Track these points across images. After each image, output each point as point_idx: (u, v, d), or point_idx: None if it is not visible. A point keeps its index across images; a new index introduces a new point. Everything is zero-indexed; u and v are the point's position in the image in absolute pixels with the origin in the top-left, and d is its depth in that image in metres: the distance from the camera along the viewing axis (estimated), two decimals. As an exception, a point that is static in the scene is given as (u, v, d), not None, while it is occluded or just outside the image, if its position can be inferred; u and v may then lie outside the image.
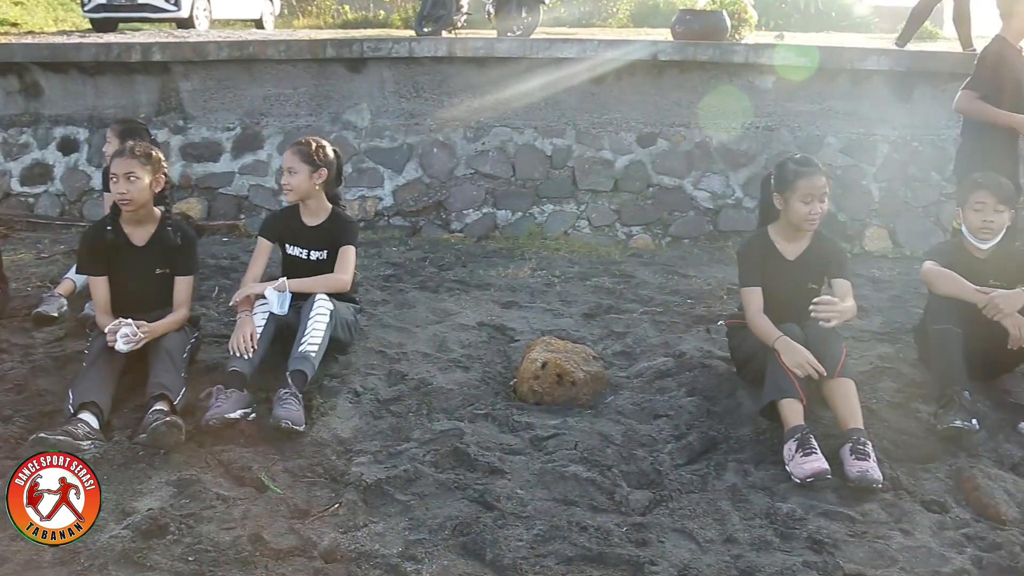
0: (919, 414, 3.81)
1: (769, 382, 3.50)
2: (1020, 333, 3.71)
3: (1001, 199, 3.98)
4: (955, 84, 7.08)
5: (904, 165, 7.25)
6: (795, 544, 2.89)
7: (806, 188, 3.68)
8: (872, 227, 7.05)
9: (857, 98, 7.40)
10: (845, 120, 7.40)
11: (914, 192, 7.15)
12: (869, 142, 7.32)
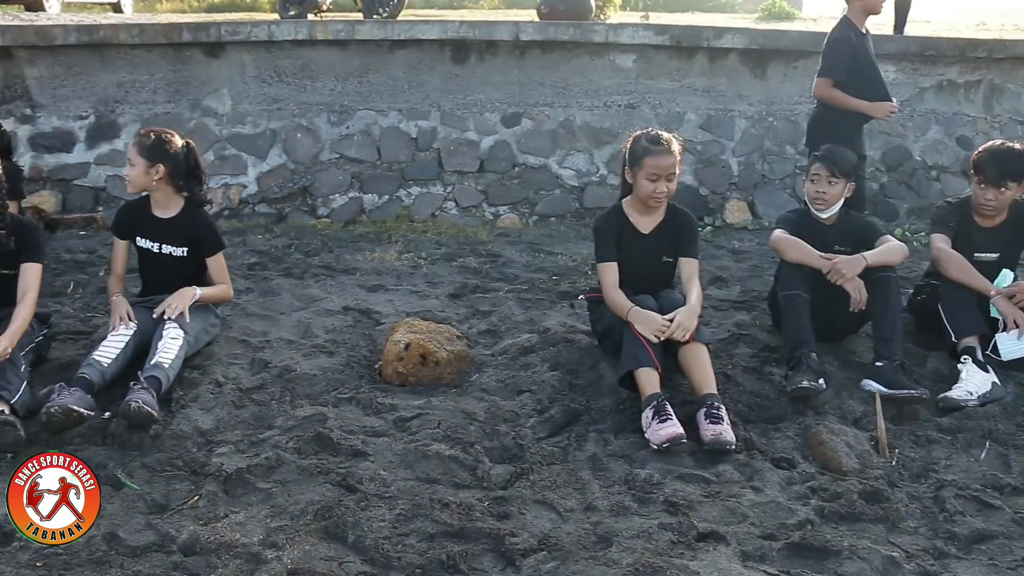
0: (772, 377, 3.96)
1: (625, 353, 3.58)
2: (859, 296, 3.91)
3: (835, 171, 4.17)
4: (804, 61, 7.41)
5: (760, 139, 7.50)
6: (652, 508, 2.96)
7: (652, 166, 3.76)
8: (732, 200, 7.28)
9: (715, 75, 7.61)
10: (704, 97, 7.60)
11: (771, 165, 7.40)
12: (727, 118, 7.55)
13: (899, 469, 3.30)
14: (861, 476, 3.20)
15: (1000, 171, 4.21)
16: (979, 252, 4.35)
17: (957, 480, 3.22)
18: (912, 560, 2.76)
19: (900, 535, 2.90)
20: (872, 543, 2.81)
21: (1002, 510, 3.05)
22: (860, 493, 3.08)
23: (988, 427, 3.60)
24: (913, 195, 7.54)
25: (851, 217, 4.35)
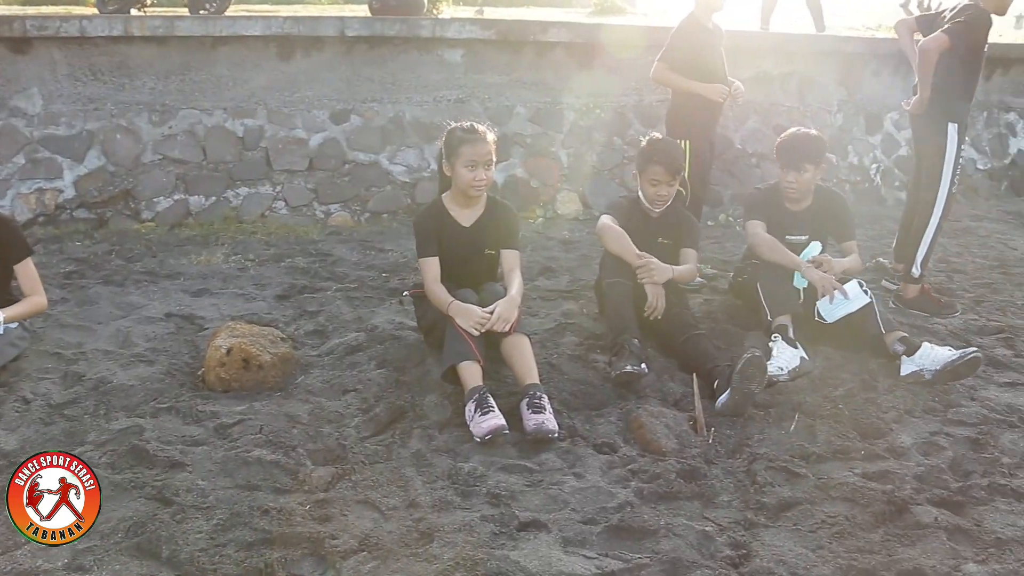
0: (597, 364, 4.06)
1: (448, 347, 3.59)
2: (656, 303, 4.12)
3: (673, 172, 4.34)
4: (631, 54, 7.60)
5: (589, 131, 7.65)
6: (475, 500, 2.98)
7: (470, 155, 3.80)
8: (563, 191, 7.40)
9: (543, 69, 7.71)
10: (533, 90, 7.68)
11: (599, 156, 7.57)
12: (556, 110, 7.66)
13: (715, 446, 3.44)
14: (679, 456, 3.32)
15: (797, 154, 4.46)
16: (790, 235, 4.58)
17: (768, 453, 3.38)
18: (724, 533, 2.88)
19: (714, 509, 3.02)
20: (687, 520, 2.91)
21: (807, 478, 3.22)
22: (678, 472, 3.19)
23: (797, 400, 3.80)
24: (736, 182, 7.85)
25: (676, 210, 4.50)
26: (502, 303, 3.64)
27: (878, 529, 2.95)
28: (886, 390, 3.97)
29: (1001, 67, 9.30)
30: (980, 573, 2.73)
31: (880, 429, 3.63)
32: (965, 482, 3.26)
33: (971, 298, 5.46)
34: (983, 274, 6.06)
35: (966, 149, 8.97)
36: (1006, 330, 4.85)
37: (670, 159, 4.34)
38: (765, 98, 8.33)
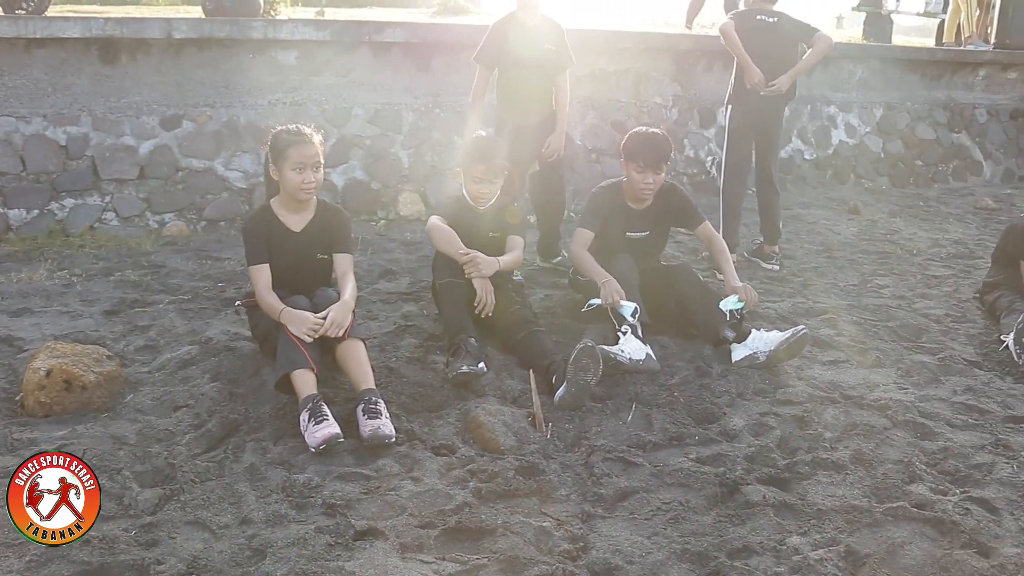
0: (435, 365, 4.03)
1: (280, 355, 3.50)
2: (484, 297, 4.15)
3: (497, 171, 4.38)
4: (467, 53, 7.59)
5: (428, 131, 7.62)
6: (310, 512, 2.90)
7: (297, 157, 3.72)
8: (404, 192, 7.35)
9: (380, 69, 7.63)
10: (370, 91, 7.59)
11: (439, 156, 7.54)
12: (395, 111, 7.60)
13: (554, 441, 3.47)
14: (518, 453, 3.33)
15: (658, 155, 4.53)
16: (632, 232, 4.67)
17: (605, 444, 3.43)
18: (562, 527, 2.90)
19: (553, 504, 3.04)
20: (525, 517, 2.92)
21: (643, 466, 3.28)
22: (516, 470, 3.20)
23: (635, 391, 3.87)
24: (577, 177, 7.96)
25: (503, 204, 4.53)
26: (335, 308, 3.58)
27: (711, 511, 3.03)
28: (719, 375, 4.10)
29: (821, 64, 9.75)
30: (802, 544, 2.85)
31: (714, 414, 3.74)
32: (791, 459, 3.40)
33: (799, 282, 5.72)
34: (810, 259, 6.36)
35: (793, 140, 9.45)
36: (830, 311, 5.10)
37: (491, 157, 4.37)
38: (602, 95, 8.50)
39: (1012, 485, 3.30)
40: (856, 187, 9.60)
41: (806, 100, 9.69)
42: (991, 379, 4.32)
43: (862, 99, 10.27)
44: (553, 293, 5.12)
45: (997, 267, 5.31)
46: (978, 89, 11.22)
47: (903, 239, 7.19)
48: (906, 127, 10.42)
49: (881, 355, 4.52)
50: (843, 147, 9.87)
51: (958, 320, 5.14)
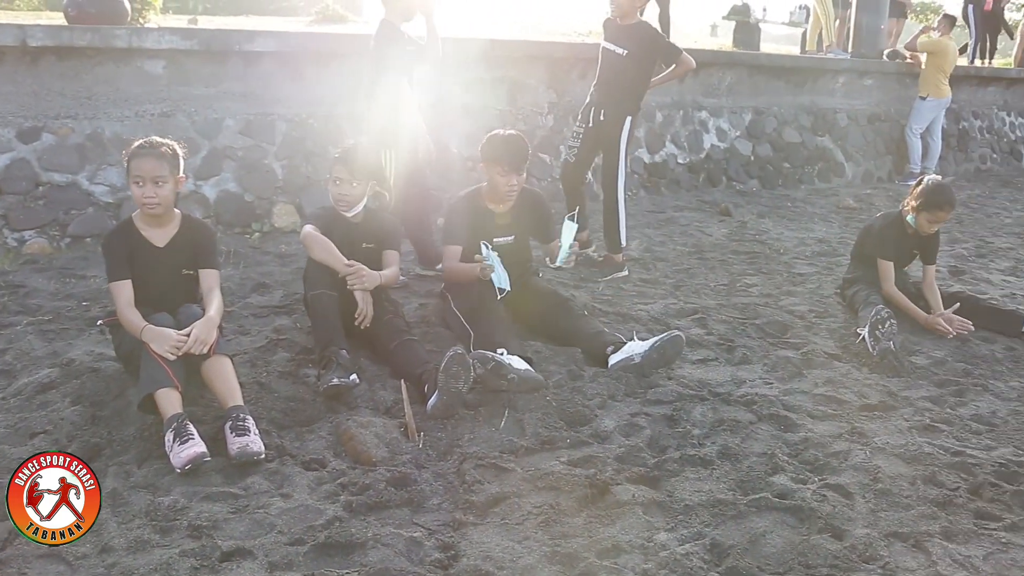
0: (307, 379, 3.98)
1: (143, 375, 3.40)
2: (364, 309, 4.15)
3: (358, 173, 4.33)
4: (338, 62, 7.55)
5: (302, 141, 7.52)
6: (175, 536, 2.82)
7: (135, 170, 3.64)
8: (279, 204, 7.23)
9: (251, 79, 7.49)
10: (242, 101, 7.45)
11: (314, 167, 7.45)
12: (267, 121, 7.47)
13: (426, 450, 3.46)
14: (390, 464, 3.32)
15: (520, 157, 4.59)
16: (497, 237, 4.71)
17: (478, 451, 3.45)
18: (433, 536, 2.90)
19: (424, 514, 3.04)
20: (396, 528, 2.91)
21: (515, 472, 3.31)
22: (388, 481, 3.19)
23: (507, 396, 3.89)
24: (455, 186, 7.97)
25: (376, 215, 4.52)
26: (199, 324, 3.49)
27: (581, 513, 3.08)
28: (591, 378, 4.16)
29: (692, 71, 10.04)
30: (670, 540, 2.93)
31: (585, 416, 3.80)
32: (661, 457, 3.48)
33: (671, 283, 5.86)
34: (682, 260, 6.53)
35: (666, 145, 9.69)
36: (700, 311, 5.24)
37: (353, 158, 4.37)
38: (478, 102, 8.53)
39: (865, 470, 3.46)
40: (728, 189, 9.91)
41: (679, 106, 9.95)
42: (849, 370, 4.52)
43: (732, 104, 10.61)
44: (428, 302, 5.11)
45: (855, 264, 5.55)
46: (839, 95, 11.73)
47: (771, 239, 7.46)
48: (773, 131, 10.81)
49: (748, 352, 4.67)
50: (715, 151, 10.17)
51: (820, 315, 5.35)
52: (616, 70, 5.94)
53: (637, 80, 6.00)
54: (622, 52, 5.88)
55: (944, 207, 5.18)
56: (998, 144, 14.27)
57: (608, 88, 6.00)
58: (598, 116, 6.02)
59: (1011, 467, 3.57)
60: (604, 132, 6.04)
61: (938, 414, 4.10)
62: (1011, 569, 2.91)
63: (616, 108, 5.97)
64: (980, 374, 4.63)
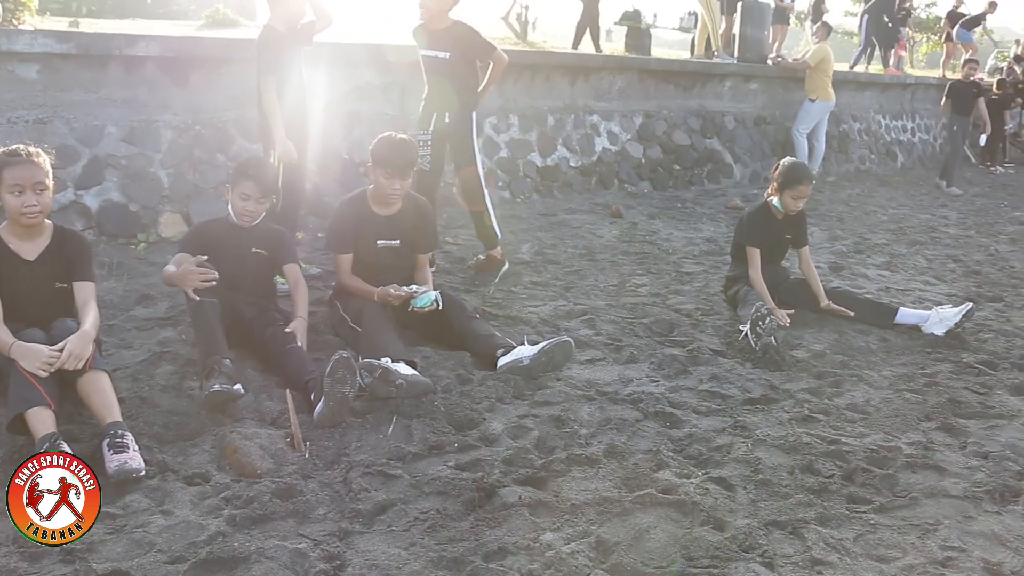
0: (191, 392, 3.90)
1: (12, 394, 3.27)
2: None
3: (265, 190, 4.34)
4: (228, 68, 7.40)
5: (189, 149, 7.35)
6: (46, 562, 2.71)
7: (11, 179, 3.50)
8: (166, 213, 7.05)
9: (134, 85, 7.29)
10: (124, 108, 7.24)
11: (202, 174, 7.30)
12: (152, 128, 7.27)
13: (313, 460, 3.42)
14: (275, 475, 3.27)
15: (405, 161, 4.59)
16: (382, 240, 4.70)
17: (365, 459, 3.43)
18: (319, 547, 2.87)
19: (310, 525, 3.00)
20: (281, 540, 2.87)
21: (402, 478, 3.30)
22: (273, 492, 3.14)
23: (395, 403, 3.87)
24: (346, 192, 7.90)
25: (268, 227, 4.49)
26: (73, 339, 3.39)
27: (468, 516, 3.09)
28: (480, 381, 4.18)
29: (583, 75, 10.21)
30: (556, 539, 2.96)
31: (473, 419, 3.82)
32: (548, 458, 3.52)
33: (561, 285, 5.94)
34: (573, 262, 6.61)
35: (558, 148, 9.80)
36: (589, 312, 5.32)
37: (262, 174, 4.34)
38: (369, 108, 8.49)
39: (746, 462, 3.57)
40: (620, 191, 10.08)
41: (570, 109, 10.08)
42: (733, 366, 4.65)
43: (623, 108, 10.79)
44: (316, 310, 5.05)
45: (735, 262, 5.71)
46: (726, 98, 12.05)
47: (661, 239, 7.62)
48: (664, 134, 11.04)
49: (636, 351, 4.76)
50: (606, 154, 10.33)
51: (707, 313, 5.50)
52: (446, 74, 5.92)
53: (468, 78, 6.02)
54: (445, 56, 5.85)
55: (803, 180, 5.39)
56: (875, 145, 14.89)
57: (444, 93, 5.97)
58: (442, 120, 6.00)
59: (881, 452, 3.73)
60: (452, 133, 6.07)
61: (816, 405, 4.25)
62: (878, 548, 3.04)
63: (459, 108, 6.00)
64: (856, 365, 4.82)
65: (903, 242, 8.54)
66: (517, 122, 9.52)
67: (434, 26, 5.84)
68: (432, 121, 6.04)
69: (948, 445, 3.90)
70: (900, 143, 15.72)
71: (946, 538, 3.12)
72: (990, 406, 4.36)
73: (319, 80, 7.90)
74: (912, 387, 4.56)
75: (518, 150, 9.47)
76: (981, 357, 5.05)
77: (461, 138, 6.10)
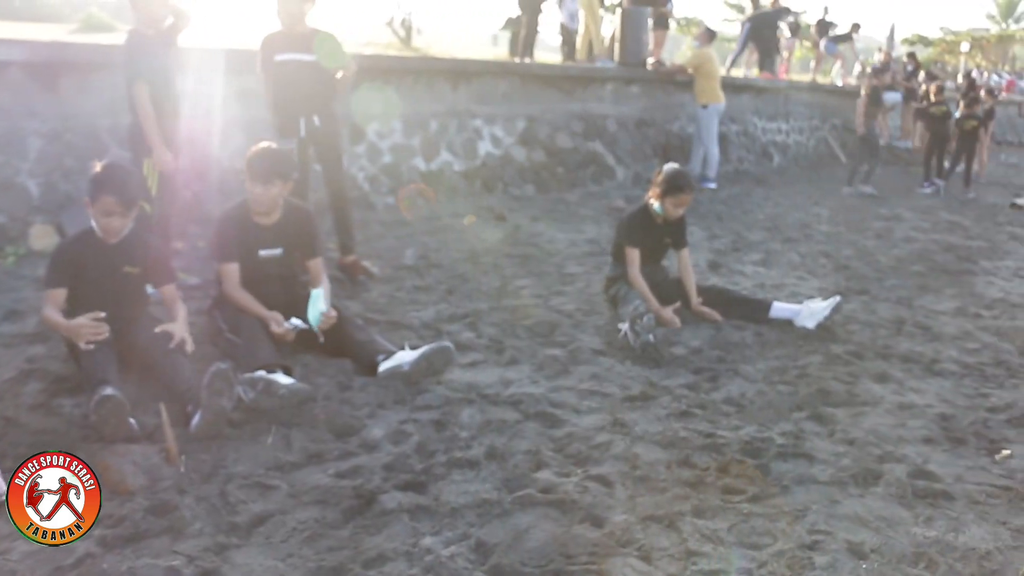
0: (62, 409, 3.78)
1: None
2: None
3: (127, 202, 4.10)
4: (101, 74, 7.19)
5: (60, 158, 7.11)
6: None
7: None
8: (36, 225, 6.80)
9: (-2, 92, 7.02)
10: (-13, 115, 6.97)
11: (74, 184, 7.06)
12: (18, 137, 7.01)
13: (190, 474, 3.36)
14: (149, 492, 3.19)
15: (267, 169, 4.54)
16: (264, 249, 4.64)
17: (243, 471, 3.38)
18: (193, 563, 2.81)
19: (185, 540, 2.94)
20: (153, 558, 2.80)
21: (280, 488, 3.27)
22: (147, 509, 3.07)
23: (274, 412, 3.83)
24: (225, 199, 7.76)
25: (138, 235, 4.34)
26: None
27: (347, 524, 3.08)
28: (360, 388, 4.17)
29: (465, 79, 10.26)
30: (435, 543, 2.97)
31: (354, 426, 3.81)
32: (428, 462, 3.53)
33: (444, 289, 5.96)
34: (456, 266, 6.65)
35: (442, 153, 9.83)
36: (471, 315, 5.36)
37: (123, 187, 4.11)
38: (250, 115, 8.34)
39: (625, 459, 3.65)
40: (504, 195, 10.17)
41: (453, 114, 10.12)
42: (613, 364, 4.75)
43: (506, 112, 10.89)
44: (194, 320, 4.95)
45: (616, 262, 5.83)
46: (608, 101, 12.28)
47: (544, 241, 7.72)
48: (547, 137, 11.18)
49: (517, 352, 4.82)
50: (490, 158, 10.40)
51: (588, 313, 5.60)
52: (310, 77, 5.86)
53: (330, 82, 6.01)
54: (311, 58, 5.82)
55: (685, 189, 5.55)
56: (752, 146, 15.39)
57: (311, 96, 5.91)
58: (311, 124, 5.93)
59: (755, 443, 3.87)
60: (321, 139, 6.02)
61: (694, 399, 4.37)
62: (751, 536, 3.15)
63: (327, 112, 6.00)
64: (732, 359, 4.98)
65: (778, 239, 8.85)
66: (400, 127, 9.51)
67: (294, 31, 5.82)
68: (302, 126, 5.93)
69: (817, 433, 4.06)
70: (776, 144, 16.28)
71: (814, 522, 3.25)
72: (856, 394, 4.55)
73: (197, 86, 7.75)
74: (785, 379, 4.73)
75: (401, 155, 9.47)
76: (849, 348, 5.28)
77: (331, 146, 6.11)
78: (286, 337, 4.40)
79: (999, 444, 4.03)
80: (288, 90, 5.89)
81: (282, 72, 5.87)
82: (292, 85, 5.87)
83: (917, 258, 8.33)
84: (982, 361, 5.21)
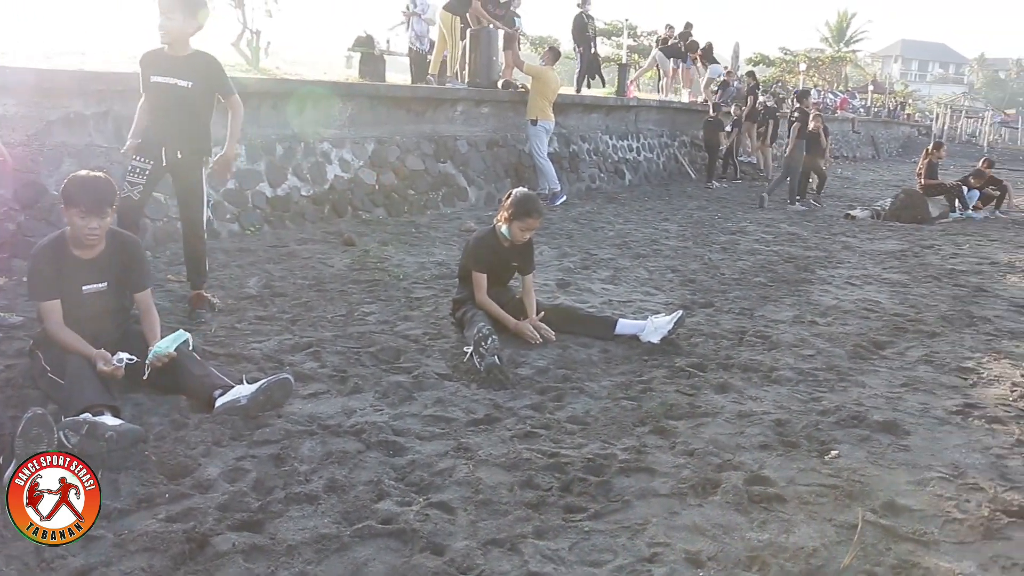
0: None
1: None
2: None
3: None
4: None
5: None
6: None
7: None
8: None
9: None
10: None
11: None
12: None
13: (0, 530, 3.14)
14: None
15: (99, 200, 4.28)
16: (87, 285, 4.40)
17: (63, 522, 3.19)
18: (3, 625, 2.65)
19: (-4, 601, 2.77)
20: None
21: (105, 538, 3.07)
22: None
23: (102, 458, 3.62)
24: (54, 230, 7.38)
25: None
26: None
27: (178, 571, 2.94)
28: (196, 425, 4.01)
29: (311, 102, 10.11)
30: (264, 586, 2.88)
31: (187, 467, 3.65)
32: (266, 499, 3.42)
33: (288, 319, 5.82)
34: (301, 294, 6.51)
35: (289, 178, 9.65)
36: (315, 344, 5.25)
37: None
38: (79, 140, 7.98)
39: (467, 484, 3.63)
40: (354, 219, 10.04)
41: (299, 138, 9.94)
42: (458, 388, 4.73)
43: (354, 135, 10.77)
44: (15, 363, 4.67)
45: (463, 284, 5.83)
46: (458, 122, 12.32)
47: (392, 265, 7.65)
48: (397, 159, 11.12)
49: (360, 380, 4.74)
50: (339, 181, 10.26)
51: (434, 338, 5.57)
52: (182, 105, 5.55)
53: (205, 114, 5.71)
54: (187, 84, 5.51)
55: (533, 214, 5.59)
56: (604, 164, 15.73)
57: (179, 126, 5.60)
58: (173, 155, 5.63)
59: (598, 460, 3.92)
60: (181, 173, 5.73)
61: (539, 420, 4.39)
62: (592, 553, 3.19)
63: (192, 147, 5.66)
64: (578, 377, 5.03)
65: (627, 256, 9.05)
66: (245, 152, 9.27)
67: (175, 52, 5.49)
68: (163, 155, 5.62)
69: (659, 447, 4.14)
70: (627, 162, 16.68)
71: (653, 535, 3.32)
72: (697, 406, 4.68)
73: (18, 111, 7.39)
74: (629, 394, 4.81)
75: (247, 181, 9.23)
76: (692, 360, 5.43)
77: (191, 184, 5.77)
78: (115, 375, 4.18)
79: (828, 445, 4.21)
80: (158, 114, 5.58)
81: (155, 94, 5.54)
82: (163, 111, 5.56)
83: (760, 269, 8.68)
84: (815, 367, 5.44)
